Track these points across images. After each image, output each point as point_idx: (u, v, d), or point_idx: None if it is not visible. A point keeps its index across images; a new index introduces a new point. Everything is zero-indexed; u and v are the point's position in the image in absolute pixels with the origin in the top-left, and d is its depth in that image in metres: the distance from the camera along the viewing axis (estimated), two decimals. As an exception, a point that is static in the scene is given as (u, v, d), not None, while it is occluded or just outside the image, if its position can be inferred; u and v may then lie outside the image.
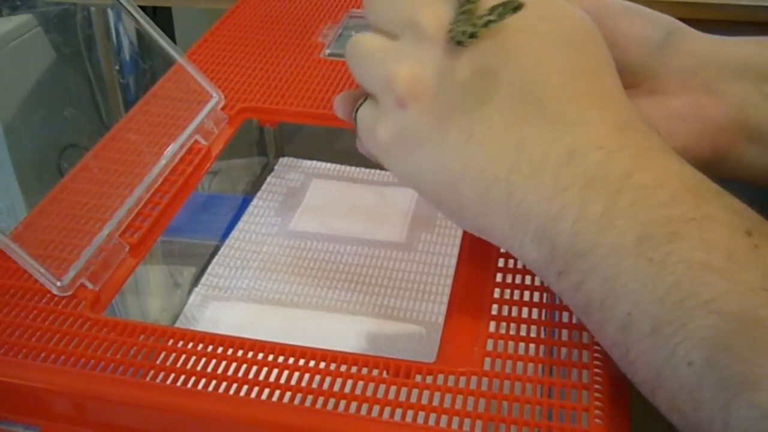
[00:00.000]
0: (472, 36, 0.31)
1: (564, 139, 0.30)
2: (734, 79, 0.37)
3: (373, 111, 0.34)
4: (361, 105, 0.36)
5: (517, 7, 0.30)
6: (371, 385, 0.32)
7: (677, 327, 0.27)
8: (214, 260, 0.49)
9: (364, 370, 0.33)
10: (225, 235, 0.50)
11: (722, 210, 0.28)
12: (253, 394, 0.32)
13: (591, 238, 0.29)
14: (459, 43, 0.31)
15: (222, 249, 0.49)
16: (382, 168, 0.56)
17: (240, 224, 0.51)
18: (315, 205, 0.53)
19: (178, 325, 0.45)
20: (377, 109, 0.34)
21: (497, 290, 0.37)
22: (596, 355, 0.33)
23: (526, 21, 0.31)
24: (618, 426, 0.31)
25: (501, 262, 0.38)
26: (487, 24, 0.31)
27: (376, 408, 0.31)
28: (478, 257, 0.39)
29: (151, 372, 0.33)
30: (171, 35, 1.06)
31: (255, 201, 0.53)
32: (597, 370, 0.32)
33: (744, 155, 0.37)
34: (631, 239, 0.28)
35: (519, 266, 0.38)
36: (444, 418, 0.31)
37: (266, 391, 0.32)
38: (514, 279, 0.37)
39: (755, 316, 0.25)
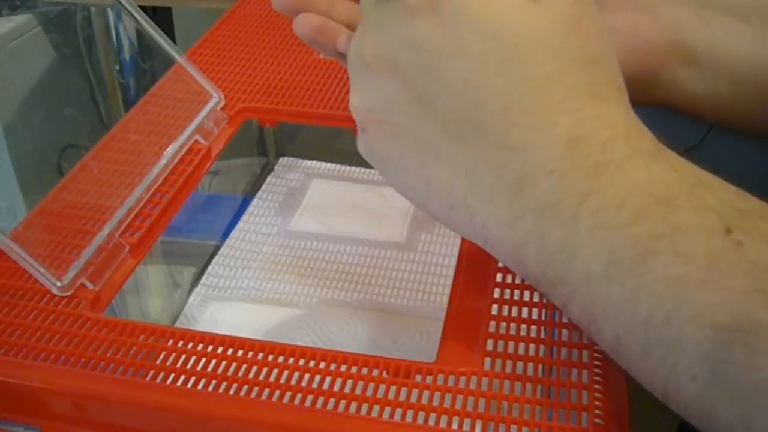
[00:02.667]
0: None
1: (511, 165, 0.28)
2: (674, 2, 0.37)
3: None
4: None
5: None
6: (371, 385, 0.32)
7: (670, 347, 0.25)
8: (214, 260, 0.49)
9: (364, 370, 0.33)
10: (225, 235, 0.50)
11: (695, 213, 0.26)
12: (253, 394, 0.32)
13: (558, 268, 0.28)
14: None
15: (222, 249, 0.49)
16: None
17: (240, 224, 0.51)
18: (315, 205, 0.53)
19: (178, 325, 0.45)
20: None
21: (497, 290, 0.37)
22: (596, 355, 0.33)
23: (458, 43, 0.29)
24: (618, 426, 0.31)
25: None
26: None
27: (376, 408, 0.31)
28: (478, 257, 0.39)
29: (151, 372, 0.33)
30: (171, 35, 1.06)
31: (255, 201, 0.53)
32: (597, 370, 0.32)
33: (677, 78, 0.37)
34: (599, 267, 0.27)
35: (519, 266, 0.38)
36: (444, 418, 0.31)
37: (266, 391, 0.32)
38: (514, 279, 0.37)
39: (750, 319, 0.24)
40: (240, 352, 0.34)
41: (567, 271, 0.28)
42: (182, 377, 0.33)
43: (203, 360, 0.33)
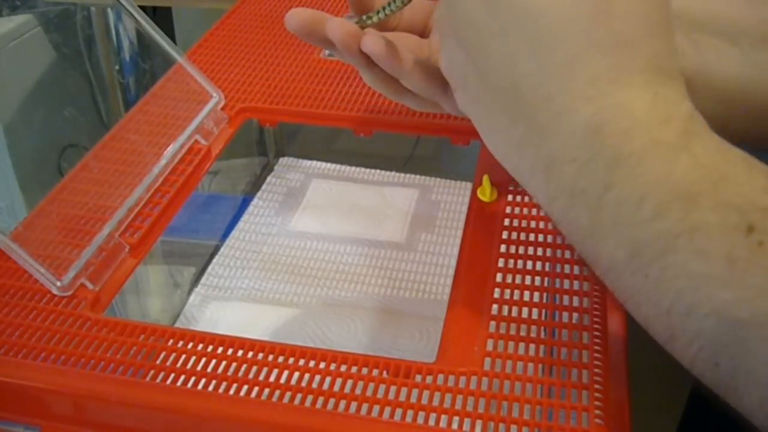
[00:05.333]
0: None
1: (544, 146, 0.30)
2: None
3: None
4: None
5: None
6: (371, 385, 0.32)
7: (693, 336, 0.26)
8: (214, 260, 0.49)
9: (364, 370, 0.33)
10: (225, 235, 0.51)
11: (716, 211, 0.26)
12: (253, 394, 0.32)
13: (590, 252, 0.29)
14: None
15: (222, 249, 0.49)
16: (382, 168, 0.56)
17: (240, 224, 0.51)
18: (315, 205, 0.53)
19: (178, 325, 0.45)
20: None
21: (497, 290, 0.37)
22: (596, 355, 0.33)
23: (498, 23, 0.30)
24: (618, 426, 0.31)
25: (501, 262, 0.38)
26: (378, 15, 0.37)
27: (376, 408, 0.31)
28: (478, 257, 0.39)
29: (151, 372, 0.33)
30: (171, 35, 1.06)
31: (255, 201, 0.53)
32: (597, 370, 0.32)
33: None
34: (622, 257, 0.28)
35: (519, 266, 0.38)
36: (444, 418, 0.31)
37: (266, 391, 0.32)
38: (514, 279, 0.37)
39: None
40: (240, 352, 0.34)
41: (596, 256, 0.29)
42: (182, 377, 0.33)
43: (203, 360, 0.33)
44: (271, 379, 0.32)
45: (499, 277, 0.37)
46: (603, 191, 0.28)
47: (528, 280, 0.37)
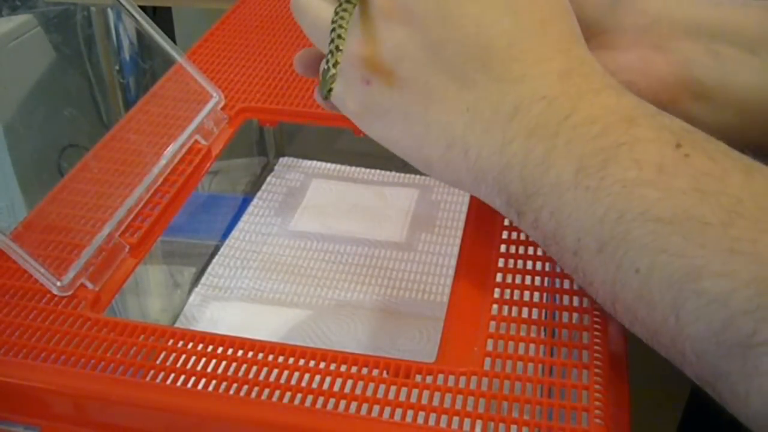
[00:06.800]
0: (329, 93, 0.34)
1: (509, 96, 0.32)
2: (685, 38, 0.38)
3: (340, 81, 0.36)
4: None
5: None
6: (371, 385, 0.32)
7: (619, 241, 0.29)
8: (214, 260, 0.49)
9: (364, 370, 0.33)
10: (225, 235, 0.51)
11: (652, 129, 0.30)
12: (253, 394, 0.32)
13: (536, 181, 0.31)
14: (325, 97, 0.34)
15: (222, 249, 0.49)
16: (382, 168, 0.56)
17: (240, 224, 0.51)
18: (315, 205, 0.53)
19: (178, 325, 0.45)
20: (343, 79, 0.36)
21: (497, 290, 0.37)
22: (596, 356, 0.33)
23: None
24: (618, 426, 0.31)
25: (501, 262, 0.38)
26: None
27: (376, 408, 0.31)
28: (478, 257, 0.39)
29: (151, 372, 0.33)
30: (171, 35, 1.06)
31: (255, 201, 0.53)
32: (597, 371, 0.32)
33: (690, 111, 0.38)
34: (569, 174, 0.30)
35: (519, 266, 0.38)
36: (444, 418, 0.31)
37: (266, 391, 0.32)
38: (514, 279, 0.37)
39: (688, 215, 0.27)
40: (240, 352, 0.34)
41: (542, 182, 0.31)
42: (182, 377, 0.33)
43: (203, 360, 0.33)
44: (271, 379, 0.32)
45: (499, 277, 0.37)
46: (563, 119, 0.31)
47: (528, 280, 0.37)
